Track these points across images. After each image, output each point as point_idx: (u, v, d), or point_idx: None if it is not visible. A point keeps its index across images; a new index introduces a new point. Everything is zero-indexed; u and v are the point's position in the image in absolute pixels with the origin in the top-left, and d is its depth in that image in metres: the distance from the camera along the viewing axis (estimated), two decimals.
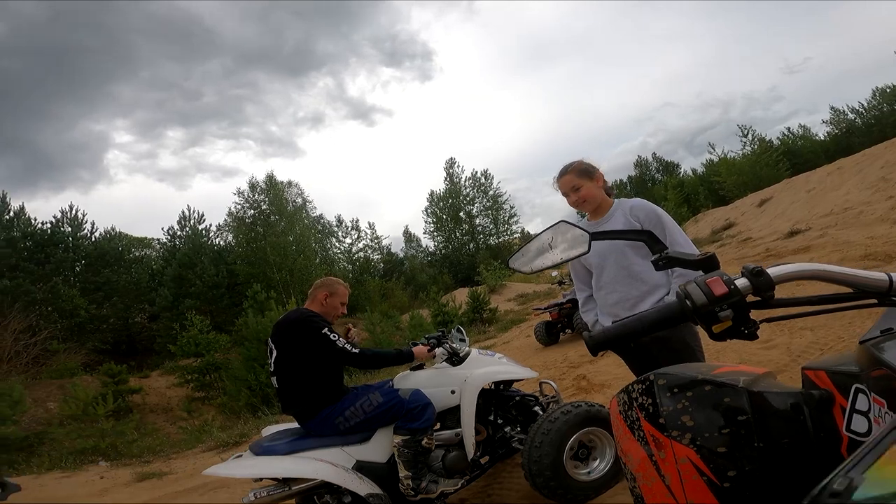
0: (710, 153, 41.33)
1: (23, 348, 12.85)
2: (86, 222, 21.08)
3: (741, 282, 0.68)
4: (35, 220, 19.57)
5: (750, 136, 36.82)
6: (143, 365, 16.74)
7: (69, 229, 20.37)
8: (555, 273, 16.67)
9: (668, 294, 1.88)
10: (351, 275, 30.96)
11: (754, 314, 0.69)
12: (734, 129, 37.94)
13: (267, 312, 12.93)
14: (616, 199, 2.06)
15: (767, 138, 36.85)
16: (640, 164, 57.99)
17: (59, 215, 20.48)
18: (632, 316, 0.81)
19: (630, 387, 0.78)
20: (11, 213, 18.88)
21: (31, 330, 13.62)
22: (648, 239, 0.98)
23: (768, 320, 0.76)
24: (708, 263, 0.74)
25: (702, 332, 0.91)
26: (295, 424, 2.49)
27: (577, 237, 1.18)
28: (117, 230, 24.23)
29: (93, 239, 21.20)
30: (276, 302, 13.98)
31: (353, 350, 2.38)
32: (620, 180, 66.66)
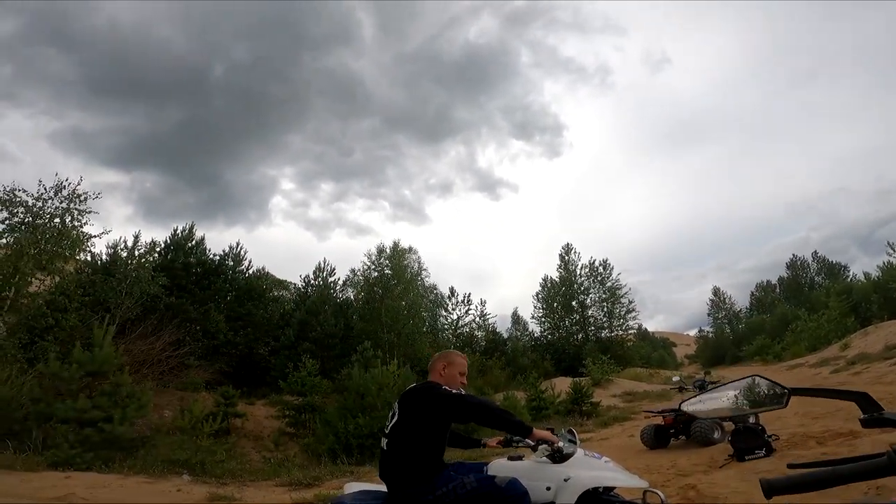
0: (890, 254, 32.25)
1: (165, 358, 14.98)
2: (244, 259, 24.67)
3: None
4: (209, 250, 23.39)
5: None
6: (252, 393, 18.27)
7: (231, 263, 23.96)
8: (676, 378, 15.02)
9: None
10: (453, 346, 31.08)
11: None
12: None
13: (371, 369, 13.42)
14: None
15: None
16: (796, 264, 50.67)
17: (227, 250, 24.26)
18: (821, 466, 0.82)
19: None
20: (193, 242, 22.79)
21: (177, 343, 15.90)
22: (860, 399, 1.01)
23: None
24: None
25: None
26: (374, 486, 2.55)
27: (773, 390, 1.20)
28: (265, 269, 27.82)
29: (246, 274, 24.52)
30: (381, 361, 14.47)
31: (472, 397, 2.39)
32: (768, 281, 58.43)
